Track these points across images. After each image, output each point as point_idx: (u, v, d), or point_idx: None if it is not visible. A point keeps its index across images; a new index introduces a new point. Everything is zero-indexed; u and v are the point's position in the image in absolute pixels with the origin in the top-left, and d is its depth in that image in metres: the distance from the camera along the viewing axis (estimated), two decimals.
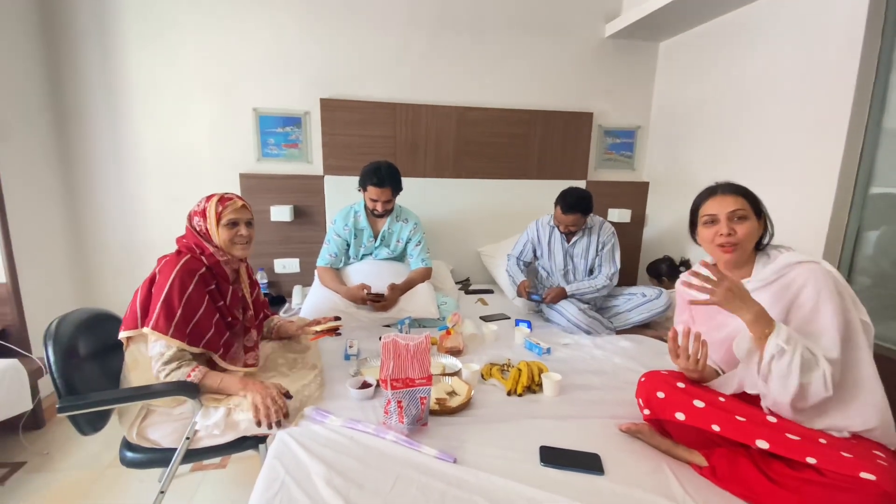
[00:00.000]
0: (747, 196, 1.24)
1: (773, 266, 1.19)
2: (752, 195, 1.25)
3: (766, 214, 1.25)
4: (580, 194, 2.19)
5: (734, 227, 1.21)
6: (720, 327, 1.29)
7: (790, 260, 1.17)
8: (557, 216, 2.23)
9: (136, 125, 2.44)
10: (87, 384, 1.29)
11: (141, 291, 1.31)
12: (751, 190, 1.26)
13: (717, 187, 1.29)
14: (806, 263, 1.15)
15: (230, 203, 1.40)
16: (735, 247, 1.21)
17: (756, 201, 1.24)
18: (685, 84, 2.75)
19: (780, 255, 1.22)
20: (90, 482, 1.76)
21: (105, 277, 2.52)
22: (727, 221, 1.22)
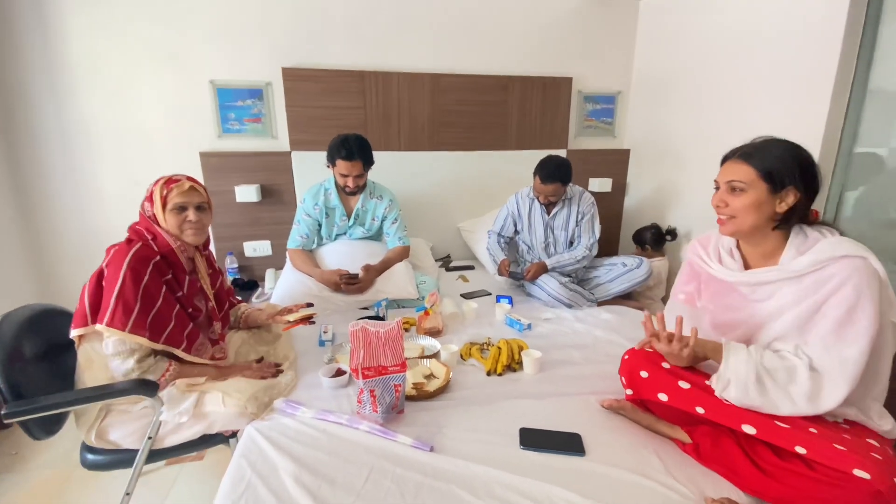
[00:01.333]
0: (763, 165, 1.04)
1: (810, 258, 1.02)
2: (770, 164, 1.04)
3: (797, 186, 1.03)
4: (559, 162, 2.12)
5: (726, 199, 1.09)
6: (729, 310, 1.17)
7: (832, 253, 1.00)
8: (536, 186, 2.16)
9: (82, 103, 2.24)
10: (37, 386, 1.20)
11: (89, 285, 1.20)
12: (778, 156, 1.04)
13: (736, 150, 1.11)
14: (851, 259, 0.99)
15: (176, 185, 1.27)
16: (727, 220, 1.10)
17: (774, 171, 1.03)
18: (666, 45, 2.64)
19: (822, 240, 1.04)
20: (62, 481, 1.70)
21: (62, 268, 2.38)
22: (723, 192, 1.10)
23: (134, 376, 1.20)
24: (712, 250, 1.22)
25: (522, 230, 2.34)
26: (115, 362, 1.19)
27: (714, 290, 1.22)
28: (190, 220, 1.29)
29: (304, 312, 1.57)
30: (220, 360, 1.42)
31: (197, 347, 1.34)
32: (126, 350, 1.19)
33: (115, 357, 1.19)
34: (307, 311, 1.58)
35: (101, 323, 1.16)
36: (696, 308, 1.27)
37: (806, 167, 1.04)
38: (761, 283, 1.10)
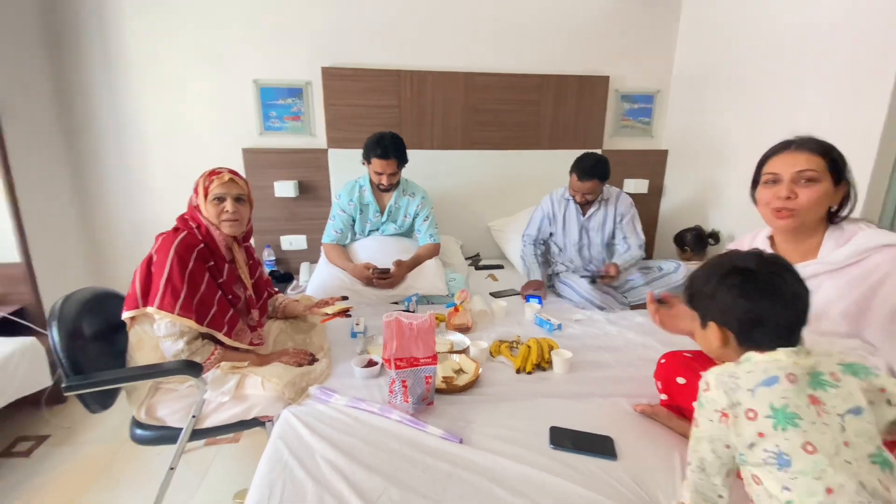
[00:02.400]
0: (828, 156, 1.01)
1: (849, 249, 1.00)
2: (835, 156, 1.02)
3: (851, 182, 1.03)
4: (596, 158, 2.08)
5: (796, 191, 1.02)
6: None
7: (871, 242, 0.97)
8: (573, 185, 2.12)
9: (135, 101, 2.38)
10: (94, 363, 1.28)
11: (140, 270, 1.28)
12: (837, 150, 1.02)
13: (791, 141, 1.07)
14: (892, 248, 0.96)
15: (217, 177, 1.34)
16: (792, 213, 1.03)
17: (839, 164, 1.02)
18: (710, 44, 2.56)
19: (859, 232, 1.01)
20: (111, 455, 1.81)
21: (114, 255, 2.53)
22: (790, 183, 1.02)
23: (183, 357, 1.26)
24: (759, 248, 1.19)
25: (556, 232, 2.31)
26: (166, 343, 1.26)
27: None
28: (227, 210, 1.34)
29: (341, 306, 1.62)
30: (258, 345, 1.48)
31: (237, 332, 1.40)
32: (177, 332, 1.26)
33: (167, 339, 1.26)
34: (343, 305, 1.63)
35: (152, 305, 1.23)
36: None
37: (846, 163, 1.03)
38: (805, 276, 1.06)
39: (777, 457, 0.70)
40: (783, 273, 0.79)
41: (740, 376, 0.77)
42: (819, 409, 0.70)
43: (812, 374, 0.73)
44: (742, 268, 0.79)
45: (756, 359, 0.78)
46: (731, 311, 0.80)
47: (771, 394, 0.72)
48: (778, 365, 0.74)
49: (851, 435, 0.69)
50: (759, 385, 0.74)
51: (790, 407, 0.70)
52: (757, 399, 0.73)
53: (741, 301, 0.78)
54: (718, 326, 0.82)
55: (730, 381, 0.77)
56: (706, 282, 0.83)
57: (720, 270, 0.82)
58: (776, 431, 0.70)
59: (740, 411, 0.74)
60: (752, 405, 0.73)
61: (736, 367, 0.79)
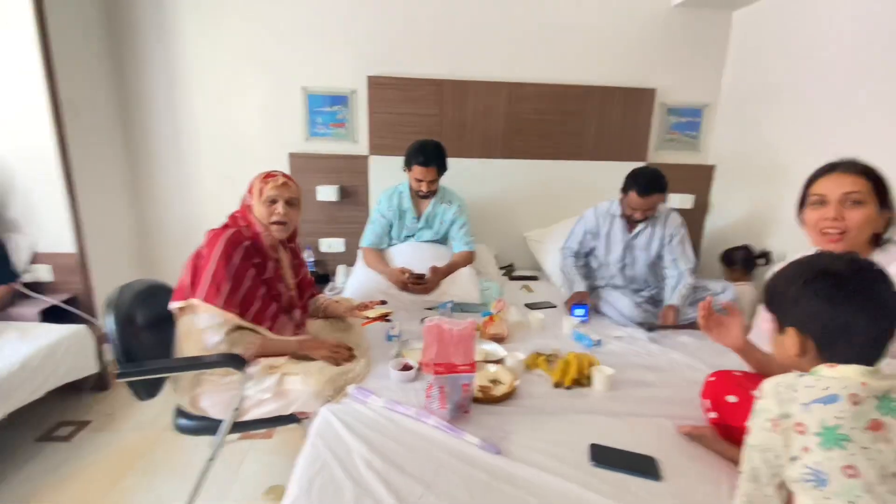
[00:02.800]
0: (872, 178, 1.04)
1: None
2: (879, 178, 1.05)
3: (892, 206, 1.05)
4: (653, 172, 1.97)
5: (844, 213, 1.03)
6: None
7: None
8: (633, 202, 1.99)
9: (191, 104, 2.51)
10: (144, 352, 1.34)
11: (190, 263, 1.33)
12: (880, 172, 1.05)
13: (837, 164, 1.09)
14: None
15: (272, 179, 1.39)
16: (842, 236, 1.03)
17: (883, 186, 1.04)
18: (761, 57, 2.47)
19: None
20: (149, 443, 1.87)
21: (163, 250, 2.65)
22: (837, 204, 1.04)
23: (222, 348, 1.29)
24: None
25: (598, 248, 2.21)
26: (206, 335, 1.30)
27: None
28: (278, 212, 1.38)
29: (382, 310, 1.64)
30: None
31: (280, 327, 1.43)
32: (217, 324, 1.29)
33: (208, 330, 1.30)
34: (384, 309, 1.65)
35: (197, 297, 1.27)
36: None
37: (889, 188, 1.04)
38: None
39: (815, 475, 0.68)
40: (878, 281, 0.73)
41: (798, 389, 0.73)
42: (878, 436, 0.66)
43: (883, 397, 0.68)
44: (833, 271, 0.74)
45: (823, 373, 0.74)
46: (815, 317, 0.75)
47: (825, 412, 0.69)
48: (843, 384, 0.70)
49: None
50: (815, 401, 0.70)
51: (842, 429, 0.67)
52: (809, 414, 0.70)
53: (828, 308, 0.73)
54: (799, 333, 0.77)
55: (786, 391, 0.74)
56: (790, 284, 0.78)
57: (808, 273, 0.76)
58: (821, 450, 0.68)
59: (790, 423, 0.72)
60: (803, 419, 0.70)
61: (797, 378, 0.75)
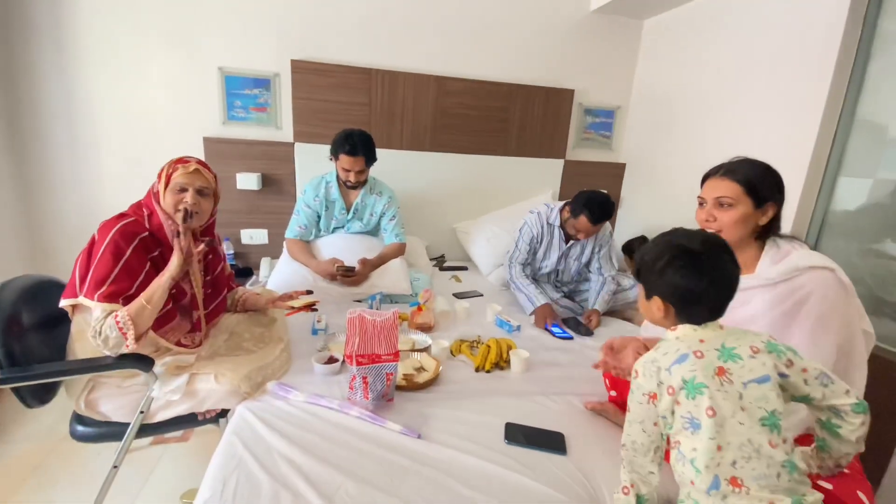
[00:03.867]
0: (748, 181, 1.13)
1: (782, 267, 1.09)
2: (754, 181, 1.13)
3: (777, 201, 1.14)
4: (606, 203, 1.97)
5: (714, 214, 1.16)
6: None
7: (801, 263, 1.07)
8: (581, 226, 1.99)
9: (88, 80, 2.24)
10: (32, 355, 1.21)
11: (81, 258, 1.21)
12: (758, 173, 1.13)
13: (717, 168, 1.20)
14: (818, 270, 1.06)
15: (182, 165, 1.28)
16: (718, 233, 1.15)
17: (757, 187, 1.12)
18: (666, 65, 2.72)
19: (792, 252, 1.11)
20: (44, 454, 1.70)
21: (60, 243, 2.37)
22: (711, 207, 1.17)
23: (99, 341, 1.13)
24: None
25: (538, 254, 2.25)
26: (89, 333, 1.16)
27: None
28: (186, 201, 1.26)
29: (307, 300, 1.58)
30: (187, 346, 1.33)
31: (168, 330, 1.28)
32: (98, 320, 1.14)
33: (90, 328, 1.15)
34: (309, 299, 1.59)
35: (83, 295, 1.15)
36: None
37: (780, 185, 1.15)
38: (739, 289, 1.16)
39: (690, 422, 0.82)
40: (724, 255, 0.88)
41: (659, 360, 0.87)
42: (724, 379, 0.81)
43: (722, 349, 0.84)
44: (689, 249, 0.87)
45: (669, 337, 0.91)
46: (675, 288, 0.88)
47: (682, 369, 0.83)
48: (687, 344, 0.86)
49: (750, 400, 0.80)
50: (673, 363, 0.85)
51: (698, 378, 0.81)
52: (673, 375, 0.84)
53: (686, 281, 0.87)
54: (662, 301, 0.91)
55: (652, 366, 0.88)
56: (655, 260, 0.90)
57: (669, 251, 0.89)
58: (688, 400, 0.82)
59: (664, 389, 0.85)
60: (670, 382, 0.85)
61: (655, 352, 0.90)
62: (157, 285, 1.19)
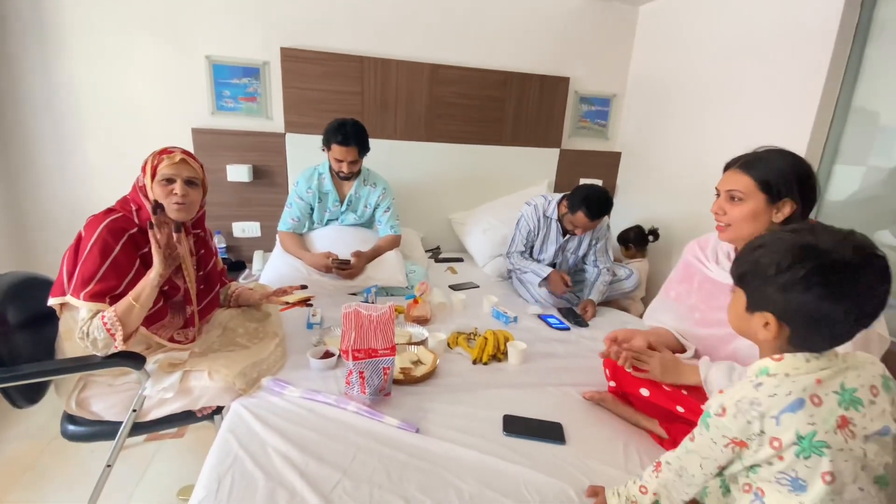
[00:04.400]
0: (762, 175, 1.06)
1: None
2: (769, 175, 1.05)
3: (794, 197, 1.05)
4: (604, 198, 1.97)
5: (724, 207, 1.12)
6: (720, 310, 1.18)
7: None
8: (579, 222, 1.99)
9: (71, 70, 2.17)
10: (19, 354, 1.18)
11: (68, 254, 1.17)
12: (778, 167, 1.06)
13: (738, 159, 1.14)
14: None
15: (168, 156, 1.23)
16: (726, 227, 1.13)
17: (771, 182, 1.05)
18: (662, 52, 2.70)
19: None
20: (36, 453, 1.67)
21: (45, 239, 2.32)
22: (722, 200, 1.13)
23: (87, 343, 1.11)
24: (710, 252, 1.27)
25: (534, 248, 2.25)
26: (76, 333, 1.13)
27: (708, 290, 1.25)
28: (175, 192, 1.23)
29: (302, 295, 1.56)
30: (181, 342, 1.31)
31: (160, 326, 1.26)
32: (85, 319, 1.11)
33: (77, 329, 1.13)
34: (304, 294, 1.57)
35: (70, 293, 1.12)
36: (684, 306, 1.32)
37: (804, 179, 1.05)
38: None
39: (792, 481, 0.68)
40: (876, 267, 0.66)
41: (762, 402, 0.69)
42: (847, 434, 0.66)
43: (843, 391, 0.67)
44: (836, 262, 0.66)
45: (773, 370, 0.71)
46: (801, 309, 0.68)
47: (796, 420, 0.67)
48: (801, 385, 0.68)
49: (871, 456, 0.67)
50: (784, 411, 0.68)
51: (818, 434, 0.66)
52: (783, 427, 0.67)
53: (822, 304, 0.66)
54: (777, 320, 0.71)
55: (752, 409, 0.70)
56: (781, 268, 0.69)
57: (805, 259, 0.67)
58: (797, 458, 0.67)
59: (764, 440, 0.69)
60: (778, 434, 0.68)
61: (756, 391, 0.71)
62: (145, 283, 1.15)
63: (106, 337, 1.10)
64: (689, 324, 1.30)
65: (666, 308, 1.40)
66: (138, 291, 1.14)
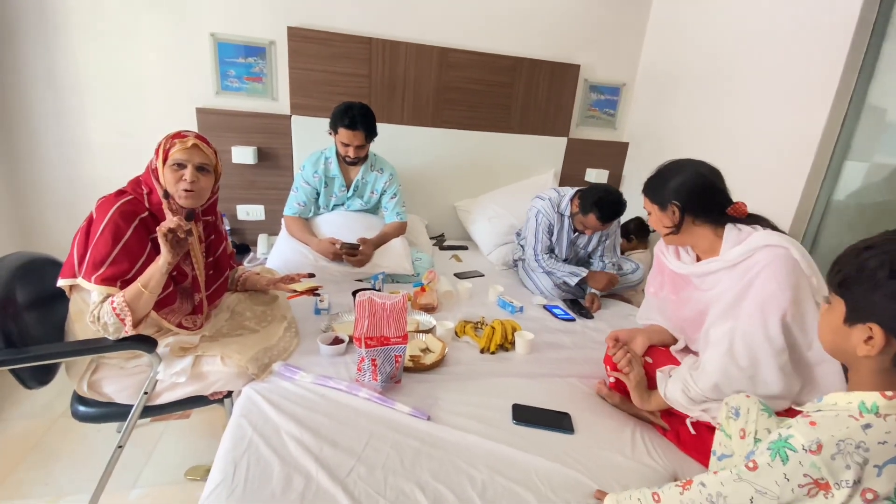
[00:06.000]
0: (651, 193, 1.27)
1: (742, 248, 1.12)
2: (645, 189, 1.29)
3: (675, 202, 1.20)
4: (617, 202, 1.93)
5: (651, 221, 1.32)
6: (688, 301, 1.28)
7: (759, 242, 1.09)
8: (590, 223, 1.96)
9: (73, 48, 2.11)
10: (29, 335, 1.17)
11: (79, 235, 1.16)
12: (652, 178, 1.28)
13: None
14: (772, 248, 1.07)
15: (180, 141, 1.21)
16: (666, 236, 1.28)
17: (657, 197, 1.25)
18: (674, 40, 2.65)
19: (754, 233, 1.13)
20: (42, 432, 1.68)
21: (49, 218, 2.29)
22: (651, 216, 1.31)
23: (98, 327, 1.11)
24: (671, 247, 1.33)
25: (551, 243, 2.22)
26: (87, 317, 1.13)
27: (674, 282, 1.33)
28: (185, 178, 1.21)
29: (310, 283, 1.55)
30: (189, 329, 1.30)
31: (169, 311, 1.24)
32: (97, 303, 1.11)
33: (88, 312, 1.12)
34: (312, 283, 1.56)
35: (81, 276, 1.12)
36: (661, 298, 1.38)
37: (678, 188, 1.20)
38: (706, 273, 1.20)
39: None
40: None
41: (870, 448, 0.61)
42: None
43: None
44: None
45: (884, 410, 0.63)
46: None
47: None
48: None
49: None
50: (888, 462, 0.60)
51: None
52: (883, 479, 0.60)
53: None
54: (885, 334, 0.64)
55: (856, 454, 0.62)
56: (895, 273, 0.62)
57: None
58: None
59: (856, 490, 0.62)
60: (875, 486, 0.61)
61: (864, 433, 0.62)
62: (154, 269, 1.14)
63: (116, 321, 1.09)
64: (670, 313, 1.38)
65: (650, 305, 1.47)
66: (147, 277, 1.13)
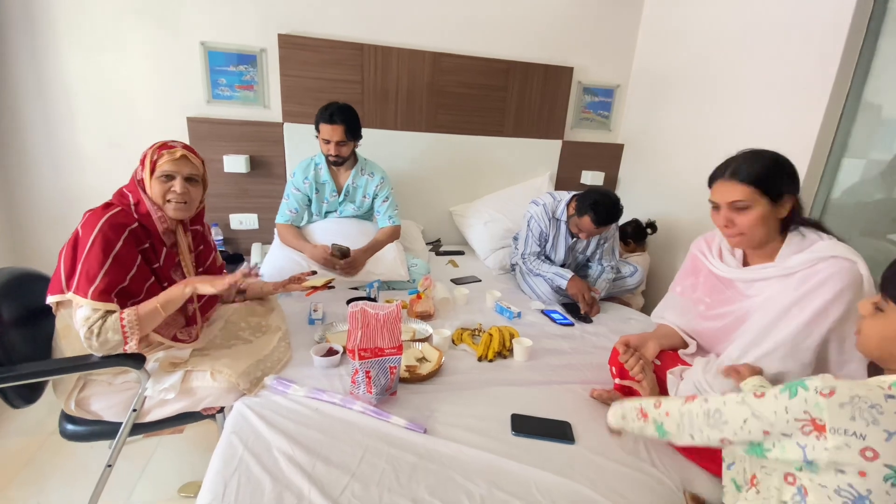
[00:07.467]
0: (757, 181, 1.06)
1: (805, 256, 1.06)
2: (763, 178, 1.06)
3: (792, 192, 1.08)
4: (613, 206, 1.91)
5: (732, 218, 1.10)
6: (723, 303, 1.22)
7: (825, 252, 1.03)
8: (585, 227, 1.94)
9: (62, 57, 2.09)
10: (15, 352, 1.14)
11: (66, 250, 1.13)
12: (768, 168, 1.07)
13: (723, 169, 1.13)
14: (839, 259, 1.01)
15: (168, 152, 1.19)
16: (739, 237, 1.12)
17: (768, 183, 1.06)
18: (668, 41, 2.64)
19: (819, 242, 1.07)
20: (34, 449, 1.65)
21: (37, 231, 2.26)
22: (726, 211, 1.11)
23: (95, 343, 1.08)
24: (714, 247, 1.28)
25: (545, 249, 2.21)
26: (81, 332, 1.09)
27: (712, 285, 1.26)
28: (175, 190, 1.19)
29: (324, 278, 1.56)
30: (184, 341, 1.28)
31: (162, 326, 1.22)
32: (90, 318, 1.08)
33: (80, 326, 1.09)
34: (325, 277, 1.57)
35: (71, 291, 1.09)
36: (689, 300, 1.33)
37: (792, 173, 1.09)
38: (757, 279, 1.15)
39: (857, 499, 0.61)
40: None
41: (885, 412, 0.61)
42: None
43: None
44: None
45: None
46: None
47: None
48: None
49: None
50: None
51: None
52: (890, 446, 0.60)
53: None
54: None
55: (868, 412, 0.62)
56: None
57: None
58: (884, 483, 0.60)
59: (855, 445, 0.61)
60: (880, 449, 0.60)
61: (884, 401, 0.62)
62: (176, 293, 1.16)
63: (118, 338, 1.08)
64: (692, 316, 1.32)
65: (670, 305, 1.42)
66: (166, 299, 1.15)
